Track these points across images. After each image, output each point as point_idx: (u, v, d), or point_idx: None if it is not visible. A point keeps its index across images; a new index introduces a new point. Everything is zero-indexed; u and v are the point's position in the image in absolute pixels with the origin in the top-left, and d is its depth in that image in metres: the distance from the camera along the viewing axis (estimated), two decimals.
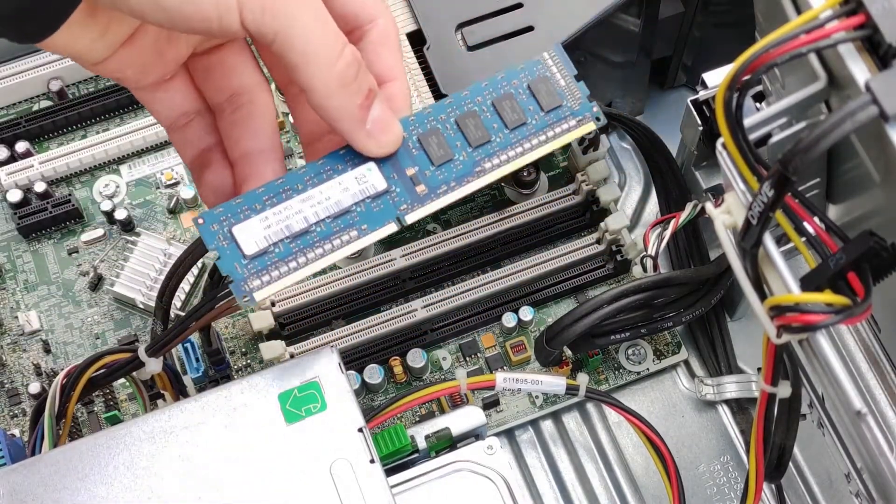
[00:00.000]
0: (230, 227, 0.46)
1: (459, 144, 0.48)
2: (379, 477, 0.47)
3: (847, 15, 0.38)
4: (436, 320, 0.64)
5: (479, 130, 0.49)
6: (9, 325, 0.67)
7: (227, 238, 0.46)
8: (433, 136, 0.48)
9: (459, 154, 0.48)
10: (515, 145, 0.49)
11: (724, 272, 0.59)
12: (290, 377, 0.48)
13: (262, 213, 0.46)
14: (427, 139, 0.48)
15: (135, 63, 0.46)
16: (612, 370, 0.65)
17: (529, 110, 0.49)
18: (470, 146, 0.48)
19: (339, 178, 0.47)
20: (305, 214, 0.46)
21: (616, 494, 0.63)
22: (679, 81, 0.75)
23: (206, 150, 0.49)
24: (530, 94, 0.50)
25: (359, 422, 0.48)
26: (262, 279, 0.45)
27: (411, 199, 0.47)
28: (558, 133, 0.49)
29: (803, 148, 0.35)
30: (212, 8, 0.41)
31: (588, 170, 0.65)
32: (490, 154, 0.48)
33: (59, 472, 0.46)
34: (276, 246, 0.46)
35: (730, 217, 0.41)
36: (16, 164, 0.69)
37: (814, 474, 0.61)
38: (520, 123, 0.49)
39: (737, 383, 0.63)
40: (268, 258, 0.46)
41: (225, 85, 0.49)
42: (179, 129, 0.49)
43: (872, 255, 0.38)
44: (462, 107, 0.49)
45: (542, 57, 0.50)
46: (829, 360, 0.40)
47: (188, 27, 0.42)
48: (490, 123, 0.49)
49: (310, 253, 0.46)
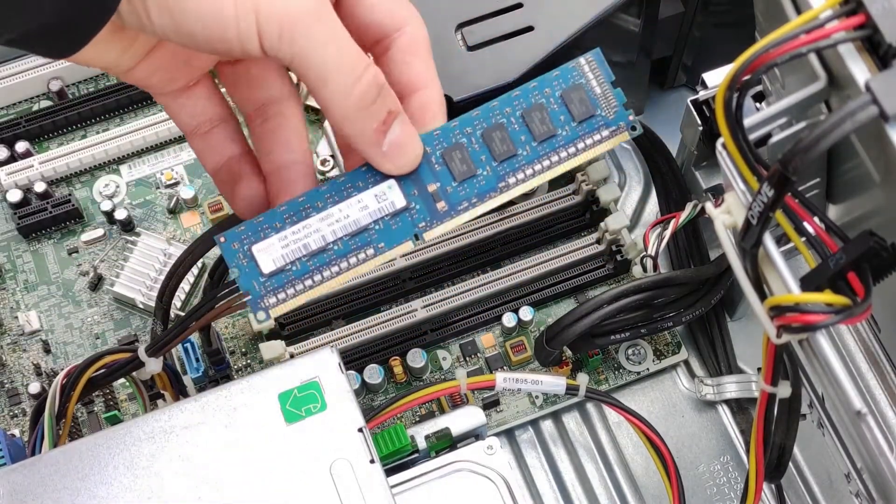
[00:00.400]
0: (250, 246, 0.46)
1: (484, 159, 0.48)
2: (379, 477, 0.47)
3: (847, 15, 0.38)
4: (436, 320, 0.64)
5: (504, 144, 0.48)
6: (9, 325, 0.67)
7: (247, 257, 0.46)
8: (457, 150, 0.48)
9: (483, 169, 0.48)
10: (543, 158, 0.48)
11: (724, 272, 0.59)
12: (290, 377, 0.48)
13: (282, 231, 0.46)
14: (450, 154, 0.47)
15: (160, 70, 0.47)
16: (612, 370, 0.65)
17: (560, 121, 0.48)
18: (495, 161, 0.47)
19: (360, 195, 0.47)
20: (324, 233, 0.47)
21: (616, 494, 0.63)
22: (679, 81, 0.74)
23: (232, 160, 0.50)
24: (562, 104, 0.48)
25: (359, 422, 0.48)
26: (279, 296, 0.46)
27: (430, 216, 0.47)
28: (589, 145, 0.48)
29: (803, 148, 0.35)
30: (233, 34, 0.42)
31: (588, 170, 0.65)
32: (515, 168, 0.47)
33: (59, 472, 0.46)
34: (293, 264, 0.46)
35: (730, 217, 0.41)
36: (16, 164, 0.69)
37: (814, 474, 0.61)
38: (549, 136, 0.48)
39: (737, 383, 0.63)
40: (285, 276, 0.46)
41: (253, 96, 0.49)
42: (201, 136, 0.50)
43: (872, 255, 0.38)
44: (490, 119, 0.48)
45: (578, 62, 0.49)
46: (829, 360, 0.40)
47: (211, 49, 0.43)
48: (517, 136, 0.48)
49: (325, 271, 0.46)
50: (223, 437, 0.47)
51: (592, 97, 0.48)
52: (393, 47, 0.48)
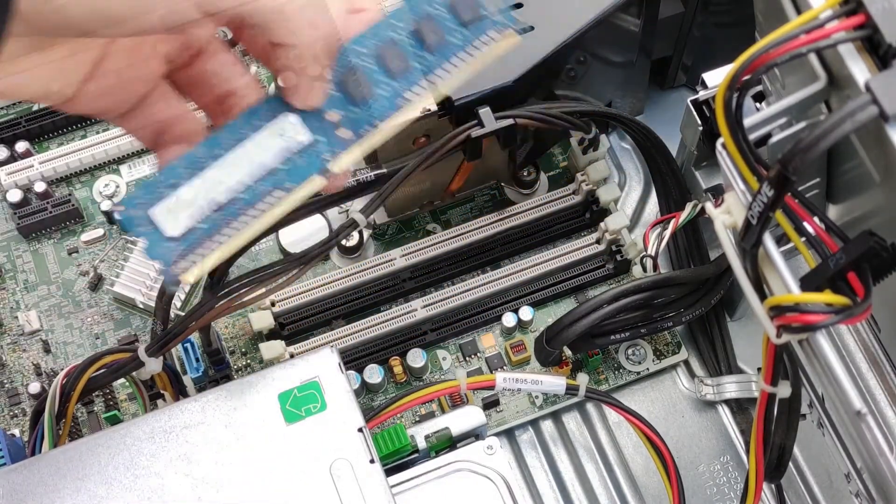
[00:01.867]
0: (148, 209, 0.43)
1: (381, 79, 0.46)
2: (379, 477, 0.47)
3: (847, 15, 0.38)
4: (436, 320, 0.64)
5: (399, 60, 0.46)
6: (9, 325, 0.67)
7: (147, 222, 0.43)
8: (351, 73, 0.45)
9: (381, 89, 0.46)
10: (437, 69, 0.46)
11: (724, 272, 0.59)
12: (290, 377, 0.48)
13: (182, 188, 0.44)
14: (346, 79, 0.45)
15: (106, 92, 0.44)
16: (612, 370, 0.65)
17: (449, 27, 0.46)
18: (392, 78, 0.46)
19: (258, 135, 0.45)
20: (227, 183, 0.44)
21: (616, 494, 0.63)
22: (679, 81, 0.74)
23: None
24: (451, 11, 0.46)
25: (359, 422, 0.48)
26: (191, 258, 0.43)
27: (334, 146, 0.45)
28: (479, 46, 0.46)
29: (803, 148, 0.35)
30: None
31: (588, 169, 0.65)
32: (412, 83, 0.46)
33: (59, 472, 0.46)
34: (201, 222, 0.44)
35: (730, 217, 0.41)
36: (16, 164, 0.70)
37: (814, 474, 0.61)
38: (440, 45, 0.46)
39: (737, 383, 0.63)
40: (194, 235, 0.43)
41: (212, 93, 0.47)
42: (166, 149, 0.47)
43: (872, 255, 0.38)
44: (383, 36, 0.46)
45: None
46: (829, 360, 0.40)
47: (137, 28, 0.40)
48: (412, 50, 0.46)
49: (235, 222, 0.44)
50: (223, 437, 0.47)
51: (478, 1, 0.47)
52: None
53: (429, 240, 0.65)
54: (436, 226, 0.68)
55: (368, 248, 0.66)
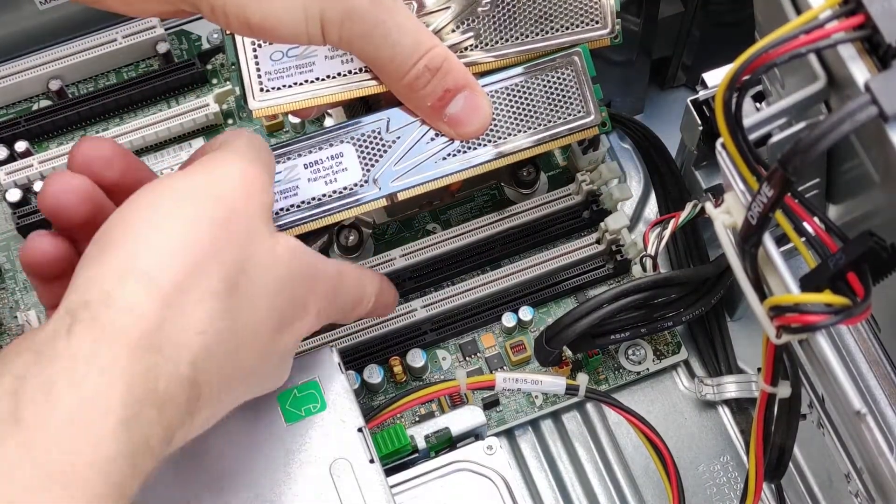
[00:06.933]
0: None
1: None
2: (378, 477, 0.47)
3: (847, 15, 0.38)
4: (436, 320, 0.64)
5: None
6: (8, 325, 0.67)
7: None
8: None
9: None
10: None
11: (724, 272, 0.59)
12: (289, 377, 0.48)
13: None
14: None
15: None
16: (612, 370, 0.65)
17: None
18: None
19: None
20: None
21: (616, 494, 0.63)
22: (679, 81, 0.74)
23: None
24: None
25: (358, 422, 0.48)
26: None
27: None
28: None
29: (803, 148, 0.35)
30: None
31: (601, 167, 0.64)
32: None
33: None
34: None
35: (730, 217, 0.41)
36: (15, 164, 0.69)
37: (814, 474, 0.61)
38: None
39: (737, 383, 0.63)
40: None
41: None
42: None
43: (872, 255, 0.38)
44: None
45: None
46: (829, 360, 0.40)
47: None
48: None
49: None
50: (223, 437, 0.47)
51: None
52: None
53: (429, 240, 0.65)
54: (436, 226, 0.68)
55: (368, 248, 0.66)
